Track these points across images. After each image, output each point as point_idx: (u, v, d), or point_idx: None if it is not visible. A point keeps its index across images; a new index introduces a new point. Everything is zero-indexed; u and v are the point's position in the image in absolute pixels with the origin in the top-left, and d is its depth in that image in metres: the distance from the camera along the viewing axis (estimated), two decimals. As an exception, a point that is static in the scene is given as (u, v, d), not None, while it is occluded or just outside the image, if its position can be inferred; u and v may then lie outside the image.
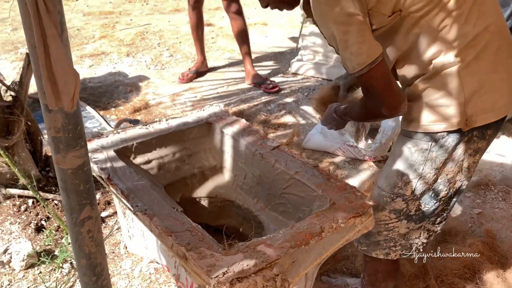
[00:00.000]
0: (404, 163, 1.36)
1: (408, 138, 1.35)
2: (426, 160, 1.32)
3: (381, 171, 1.48)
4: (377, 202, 1.40)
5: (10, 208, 2.38)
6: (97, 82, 4.17)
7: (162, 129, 1.64)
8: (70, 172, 1.00)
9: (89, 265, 1.14)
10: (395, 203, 1.40)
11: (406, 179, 1.36)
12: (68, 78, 0.87)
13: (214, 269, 1.05)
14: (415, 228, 1.44)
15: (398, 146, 1.39)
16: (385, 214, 1.42)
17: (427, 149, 1.31)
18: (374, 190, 1.46)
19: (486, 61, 1.24)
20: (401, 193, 1.38)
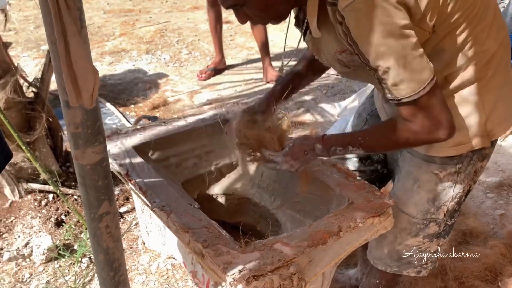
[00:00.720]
0: (434, 189, 1.32)
1: (431, 164, 1.29)
2: (456, 182, 1.30)
3: (400, 194, 1.40)
4: (408, 229, 1.40)
5: (31, 202, 2.42)
6: (117, 79, 4.22)
7: (180, 126, 1.64)
8: (88, 167, 1.01)
9: (106, 260, 1.15)
10: (429, 228, 1.39)
11: (438, 204, 1.34)
12: (88, 75, 0.88)
13: (231, 266, 1.05)
14: (444, 242, 1.45)
15: (419, 172, 1.32)
16: (419, 240, 1.41)
17: (456, 171, 1.29)
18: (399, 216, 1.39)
19: (501, 75, 1.21)
20: (434, 218, 1.37)
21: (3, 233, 2.28)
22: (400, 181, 1.41)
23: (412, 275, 1.49)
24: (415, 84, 1.01)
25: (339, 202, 1.39)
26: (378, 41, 0.98)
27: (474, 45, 1.13)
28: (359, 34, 0.99)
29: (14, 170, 2.41)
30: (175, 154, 1.62)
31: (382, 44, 0.98)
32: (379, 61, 1.00)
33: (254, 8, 1.09)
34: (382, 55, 0.99)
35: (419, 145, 1.21)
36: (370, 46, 0.99)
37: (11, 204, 2.43)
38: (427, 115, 1.06)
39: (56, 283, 2.05)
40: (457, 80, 1.16)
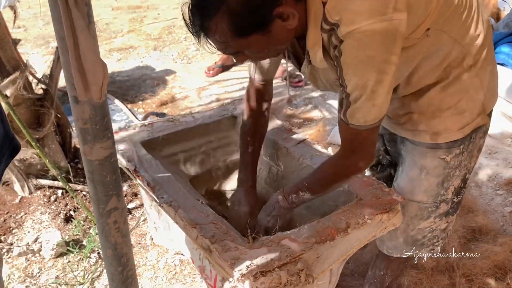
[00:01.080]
0: (442, 173, 1.36)
1: (437, 150, 1.33)
2: (461, 161, 1.35)
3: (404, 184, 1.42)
4: (420, 215, 1.43)
5: (40, 198, 2.44)
6: (125, 76, 4.23)
7: (188, 122, 1.64)
8: (97, 163, 1.01)
9: (115, 256, 1.16)
10: (439, 209, 1.43)
11: (447, 185, 1.39)
12: (97, 69, 0.88)
13: (238, 262, 1.05)
14: (453, 219, 1.50)
15: (425, 160, 1.35)
16: (430, 221, 1.45)
17: (460, 152, 1.33)
18: (407, 206, 1.42)
19: (490, 51, 1.26)
20: (444, 198, 1.41)
21: (13, 229, 2.31)
22: (404, 172, 1.43)
23: (427, 256, 1.53)
24: (369, 118, 1.09)
25: (347, 198, 1.39)
26: (362, 74, 1.02)
27: (467, 34, 1.18)
28: (347, 61, 1.03)
29: (24, 166, 2.43)
30: (183, 150, 1.62)
31: (364, 78, 1.02)
32: (355, 91, 1.05)
33: (255, 51, 1.11)
34: (360, 87, 1.04)
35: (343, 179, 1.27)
36: (353, 76, 1.04)
37: (20, 199, 2.45)
38: (362, 145, 1.17)
39: (65, 278, 2.07)
40: (457, 69, 1.21)
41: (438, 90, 1.24)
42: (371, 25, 0.97)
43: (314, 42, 1.08)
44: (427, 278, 1.84)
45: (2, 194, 2.46)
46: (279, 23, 1.02)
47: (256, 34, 1.03)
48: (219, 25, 1.01)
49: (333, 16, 1.00)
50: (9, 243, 2.24)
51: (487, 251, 1.96)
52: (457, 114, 1.26)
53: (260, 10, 0.99)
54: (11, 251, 2.19)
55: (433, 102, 1.26)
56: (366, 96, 1.04)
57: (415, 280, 1.82)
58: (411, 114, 1.31)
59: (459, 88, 1.23)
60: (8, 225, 2.32)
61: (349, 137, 1.16)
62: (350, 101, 1.07)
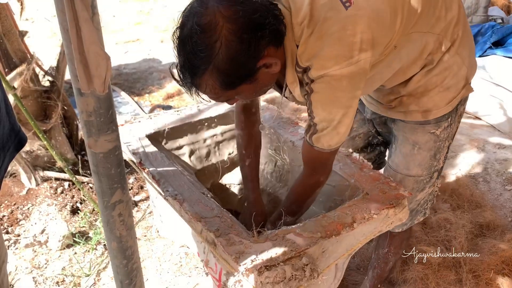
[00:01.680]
0: (433, 146, 1.42)
1: (426, 125, 1.40)
2: (449, 133, 1.43)
3: (399, 160, 1.48)
4: (416, 187, 1.48)
5: (47, 190, 2.45)
6: (132, 68, 4.23)
7: (193, 115, 1.64)
8: (101, 156, 1.00)
9: (119, 248, 1.15)
10: (432, 178, 1.50)
11: (438, 157, 1.46)
12: (100, 61, 0.87)
13: (243, 256, 1.04)
14: (439, 182, 1.56)
15: (416, 135, 1.42)
16: (426, 191, 1.51)
17: (449, 124, 1.41)
18: (405, 181, 1.48)
19: (465, 26, 1.32)
20: (436, 169, 1.48)
21: (20, 220, 2.32)
22: (397, 149, 1.49)
23: (421, 220, 1.60)
24: (332, 143, 1.18)
25: (353, 193, 1.37)
26: (329, 111, 1.12)
27: (439, 22, 1.23)
28: (317, 99, 1.12)
29: (31, 158, 2.44)
30: (188, 143, 1.61)
31: (332, 114, 1.12)
32: (322, 123, 1.14)
33: (245, 96, 1.17)
34: (327, 120, 1.14)
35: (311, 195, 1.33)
36: (321, 111, 1.13)
37: (28, 191, 2.46)
38: (325, 164, 1.26)
39: (72, 269, 2.08)
40: (437, 55, 1.27)
41: (423, 74, 1.31)
42: (339, 70, 1.06)
43: (292, 80, 1.17)
44: (433, 274, 1.83)
45: (9, 185, 2.48)
46: (263, 71, 1.09)
47: (244, 84, 1.09)
48: (209, 82, 1.06)
49: (303, 62, 1.10)
50: (16, 234, 2.25)
51: (495, 247, 1.95)
52: (444, 91, 1.33)
53: (245, 65, 1.05)
54: (18, 243, 2.20)
55: (420, 84, 1.32)
56: (332, 127, 1.14)
57: (421, 276, 1.81)
58: (401, 98, 1.38)
59: (442, 68, 1.30)
60: (15, 217, 2.34)
61: (312, 157, 1.25)
62: (317, 129, 1.16)
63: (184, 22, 1.05)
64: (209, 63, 1.02)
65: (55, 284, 2.00)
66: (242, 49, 1.02)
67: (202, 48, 1.01)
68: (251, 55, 1.04)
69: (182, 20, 1.06)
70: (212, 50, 1.01)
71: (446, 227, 2.06)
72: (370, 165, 1.46)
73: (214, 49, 1.01)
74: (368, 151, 1.72)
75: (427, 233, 2.07)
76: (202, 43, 1.01)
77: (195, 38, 1.01)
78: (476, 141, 2.96)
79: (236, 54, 1.02)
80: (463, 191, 2.35)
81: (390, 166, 1.52)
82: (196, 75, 1.05)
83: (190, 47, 1.02)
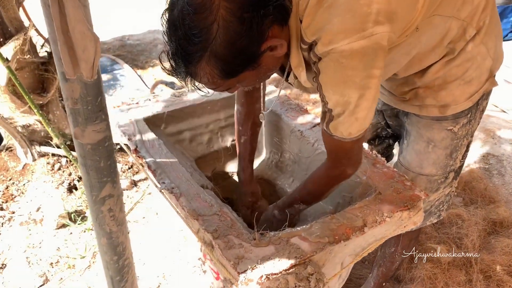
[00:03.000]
0: (449, 144, 1.31)
1: (443, 121, 1.28)
2: (468, 130, 1.31)
3: (411, 158, 1.37)
4: (429, 187, 1.37)
5: (44, 166, 2.37)
6: (136, 40, 4.10)
7: (195, 98, 1.52)
8: (89, 147, 0.91)
9: (109, 244, 1.07)
10: (448, 179, 1.38)
11: (455, 156, 1.34)
12: (87, 43, 0.76)
13: (242, 262, 0.95)
14: (456, 182, 1.45)
15: (432, 132, 1.30)
16: (440, 192, 1.40)
17: (468, 121, 1.29)
18: (417, 180, 1.37)
19: (494, 15, 1.19)
20: (453, 168, 1.37)
21: (15, 196, 2.25)
22: (410, 145, 1.37)
23: (434, 221, 1.50)
24: (352, 131, 1.03)
25: (365, 190, 1.27)
26: (341, 93, 0.97)
27: (465, 5, 1.10)
28: (326, 81, 0.98)
29: (27, 132, 2.35)
30: (189, 128, 1.51)
31: (345, 96, 0.97)
32: (337, 108, 1.00)
33: (246, 83, 1.05)
34: (342, 104, 0.99)
35: (334, 187, 1.21)
36: (333, 94, 0.99)
37: (24, 166, 2.38)
38: (350, 155, 1.12)
39: (67, 250, 2.02)
40: (460, 43, 1.15)
41: (443, 64, 1.18)
42: (349, 45, 0.90)
43: (297, 63, 1.03)
44: (442, 273, 1.74)
45: (5, 160, 2.40)
46: (268, 55, 0.95)
47: (247, 71, 0.96)
48: (206, 70, 0.93)
49: (309, 36, 0.95)
50: (11, 211, 2.19)
51: (508, 247, 1.86)
52: (465, 84, 1.21)
53: (247, 50, 0.91)
54: (13, 220, 2.14)
55: (439, 75, 1.20)
56: (349, 112, 0.99)
57: (430, 275, 1.73)
58: (417, 90, 1.25)
59: (465, 58, 1.17)
60: (10, 193, 2.27)
61: (334, 148, 1.11)
62: (333, 116, 1.02)
63: (174, 2, 0.90)
64: (205, 49, 0.89)
65: (49, 265, 1.94)
66: (243, 30, 0.88)
67: (197, 32, 0.87)
68: (254, 38, 0.91)
69: (171, 0, 0.91)
70: (208, 34, 0.87)
71: (458, 223, 1.97)
72: (384, 160, 1.36)
73: (211, 32, 0.87)
74: (376, 144, 1.61)
75: (437, 229, 1.98)
76: (196, 26, 0.87)
77: (187, 21, 0.87)
78: (491, 131, 2.83)
79: (237, 37, 0.88)
80: (476, 185, 2.24)
81: (401, 163, 1.40)
82: (191, 63, 0.92)
83: (182, 32, 0.88)
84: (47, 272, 1.91)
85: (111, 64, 3.61)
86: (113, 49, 3.93)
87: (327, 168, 1.18)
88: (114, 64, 3.61)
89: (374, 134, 1.59)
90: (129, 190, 2.40)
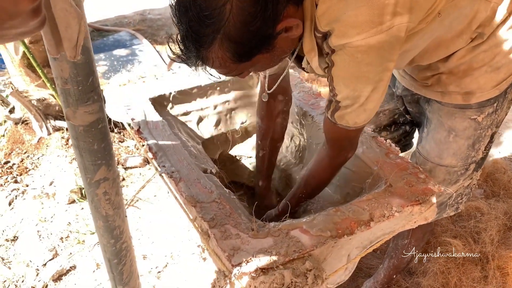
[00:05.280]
0: (473, 134, 1.24)
1: (467, 109, 1.21)
2: (494, 120, 1.24)
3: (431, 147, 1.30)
4: (448, 179, 1.32)
5: (58, 140, 2.38)
6: (157, 14, 4.04)
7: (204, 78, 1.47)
8: (81, 129, 0.87)
9: (106, 227, 1.05)
10: (469, 171, 1.32)
11: (478, 147, 1.27)
12: (70, 21, 0.71)
13: (238, 254, 0.91)
14: (478, 175, 1.38)
15: (454, 121, 1.23)
16: (459, 184, 1.34)
17: (494, 110, 1.21)
18: (435, 170, 1.31)
19: None
20: (474, 160, 1.30)
21: (29, 170, 2.27)
22: (430, 134, 1.31)
23: (452, 214, 1.44)
24: (359, 120, 1.01)
25: (375, 182, 1.21)
26: (354, 87, 0.95)
27: None
28: (339, 74, 0.94)
29: (42, 106, 2.35)
30: (197, 109, 1.46)
31: (357, 90, 0.95)
32: (346, 100, 0.97)
33: (260, 67, 1.00)
34: (352, 97, 0.96)
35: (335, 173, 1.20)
36: (344, 88, 0.96)
37: (39, 140, 2.39)
38: (352, 141, 1.11)
39: (77, 225, 2.03)
40: (490, 27, 1.07)
41: (469, 49, 1.11)
42: (365, 40, 0.86)
43: (309, 49, 0.97)
44: (456, 268, 1.67)
45: (21, 132, 2.42)
46: (283, 36, 0.91)
47: (260, 54, 0.91)
48: (218, 54, 0.88)
49: (322, 26, 0.90)
50: (25, 184, 2.21)
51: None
52: (492, 71, 1.13)
53: (261, 31, 0.86)
54: (26, 193, 2.16)
55: (464, 61, 1.13)
56: (359, 104, 0.97)
57: (443, 269, 1.66)
58: (440, 75, 1.18)
59: (493, 43, 1.09)
60: (25, 166, 2.29)
61: (337, 136, 1.09)
62: (339, 106, 1.00)
63: None
64: (218, 31, 0.84)
65: (59, 239, 1.96)
66: (257, 11, 0.82)
67: (208, 13, 0.82)
68: (269, 18, 0.85)
69: None
70: (221, 15, 0.82)
71: (476, 217, 1.88)
72: (398, 150, 1.28)
73: (224, 13, 0.82)
74: (392, 130, 1.54)
75: (454, 222, 1.90)
76: (208, 6, 0.82)
77: (199, 1, 0.82)
78: (520, 120, 2.69)
79: (251, 18, 0.83)
80: (500, 176, 2.13)
81: (420, 152, 1.33)
82: (203, 47, 0.87)
83: (193, 13, 0.83)
84: (57, 246, 1.92)
85: (130, 39, 3.57)
86: (133, 23, 3.89)
87: (330, 158, 1.14)
88: (133, 39, 3.57)
89: (391, 120, 1.52)
90: (141, 168, 2.39)
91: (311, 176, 1.19)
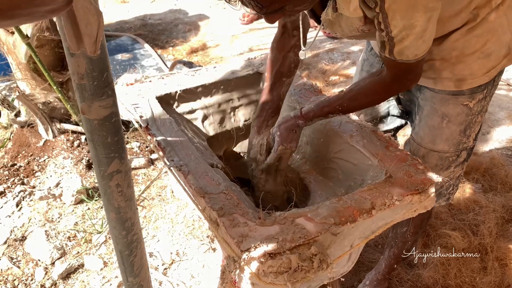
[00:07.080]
0: (464, 120, 1.30)
1: (459, 96, 1.27)
2: (484, 106, 1.30)
3: (424, 133, 1.36)
4: (440, 164, 1.38)
5: (64, 142, 2.42)
6: (157, 19, 4.09)
7: (209, 77, 1.51)
8: (96, 123, 0.91)
9: (118, 219, 1.09)
10: (460, 157, 1.38)
11: (469, 133, 1.33)
12: (90, 18, 0.76)
13: (246, 240, 0.95)
14: (466, 165, 1.44)
15: (447, 107, 1.29)
16: (450, 171, 1.40)
17: (484, 97, 1.28)
18: (428, 156, 1.37)
19: None
20: (465, 146, 1.36)
21: (36, 172, 2.31)
22: (423, 120, 1.36)
23: (443, 204, 1.50)
24: (419, 52, 1.04)
25: (376, 173, 1.25)
26: (410, 17, 0.96)
27: None
28: (394, 8, 0.96)
29: (48, 109, 2.39)
30: (202, 107, 1.51)
31: (413, 20, 0.97)
32: (402, 33, 0.99)
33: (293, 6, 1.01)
34: (408, 28, 0.98)
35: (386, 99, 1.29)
36: (400, 20, 0.97)
37: (44, 143, 2.44)
38: (412, 71, 1.11)
39: (84, 225, 2.07)
40: (484, 10, 1.13)
41: (463, 33, 1.16)
42: None
43: None
44: (455, 259, 1.71)
45: (27, 135, 2.46)
46: None
47: None
48: None
49: None
50: (31, 186, 2.25)
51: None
52: (484, 58, 1.19)
53: None
54: (33, 194, 2.20)
55: (457, 46, 1.18)
56: (416, 35, 0.99)
57: (443, 260, 1.70)
58: (433, 62, 1.23)
59: (486, 29, 1.16)
60: (31, 168, 2.33)
61: (399, 70, 1.11)
62: (395, 42, 1.02)
63: None
64: None
65: (66, 239, 2.00)
66: None
67: None
68: None
69: None
70: None
71: (475, 210, 1.92)
72: (397, 143, 1.33)
73: None
74: (387, 122, 1.59)
75: (453, 215, 1.94)
76: None
77: None
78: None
79: None
80: (497, 171, 2.18)
81: (413, 139, 1.40)
82: None
83: None
84: (65, 245, 1.96)
85: (132, 44, 3.63)
86: (134, 28, 3.94)
87: (390, 82, 1.15)
88: (134, 44, 3.62)
89: (386, 112, 1.57)
90: (146, 168, 2.44)
91: (363, 93, 1.20)
